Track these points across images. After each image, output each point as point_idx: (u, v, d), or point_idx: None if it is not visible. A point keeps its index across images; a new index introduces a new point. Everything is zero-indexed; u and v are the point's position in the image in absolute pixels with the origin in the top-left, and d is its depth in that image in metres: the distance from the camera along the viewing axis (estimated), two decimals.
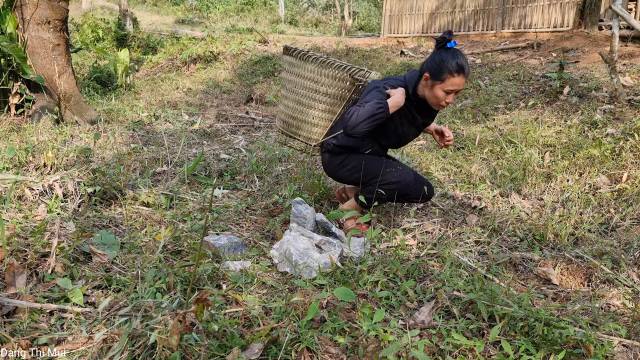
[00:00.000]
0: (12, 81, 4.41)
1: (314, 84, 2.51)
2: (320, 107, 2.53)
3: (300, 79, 2.54)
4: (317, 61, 2.46)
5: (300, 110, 2.59)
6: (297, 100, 2.59)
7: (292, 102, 2.61)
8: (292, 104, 2.62)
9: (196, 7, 20.35)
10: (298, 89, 2.57)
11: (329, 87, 2.49)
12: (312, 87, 2.51)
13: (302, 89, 2.55)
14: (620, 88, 4.44)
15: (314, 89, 2.51)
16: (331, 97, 2.50)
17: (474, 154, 3.80)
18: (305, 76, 2.53)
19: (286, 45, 2.65)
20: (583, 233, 2.46)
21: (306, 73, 2.52)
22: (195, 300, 1.24)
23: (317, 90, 2.51)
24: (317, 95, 2.52)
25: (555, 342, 1.47)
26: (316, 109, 2.54)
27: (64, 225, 2.14)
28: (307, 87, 2.53)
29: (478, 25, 10.28)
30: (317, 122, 2.57)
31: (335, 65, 2.45)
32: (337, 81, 2.47)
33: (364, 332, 1.49)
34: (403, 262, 2.04)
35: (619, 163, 3.17)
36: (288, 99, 2.64)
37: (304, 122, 2.59)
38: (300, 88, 2.56)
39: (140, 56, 10.50)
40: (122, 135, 4.15)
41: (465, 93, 5.92)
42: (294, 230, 2.22)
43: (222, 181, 3.23)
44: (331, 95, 2.50)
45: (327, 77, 2.48)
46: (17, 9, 4.25)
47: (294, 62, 2.56)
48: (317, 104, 2.53)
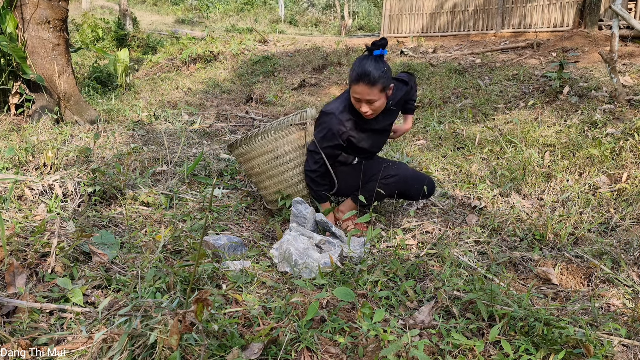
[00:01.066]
0: (12, 81, 4.41)
1: (271, 154, 2.57)
2: (291, 165, 2.58)
3: (259, 158, 2.60)
4: (260, 135, 2.54)
5: (278, 181, 2.62)
6: (269, 176, 2.63)
7: (267, 179, 2.65)
8: (268, 182, 2.65)
9: (196, 7, 20.36)
10: (263, 167, 2.61)
11: (284, 146, 2.54)
12: (273, 156, 2.57)
13: (266, 164, 2.60)
14: (620, 88, 4.44)
15: (275, 157, 2.57)
16: (293, 152, 2.55)
17: (474, 154, 3.80)
18: (260, 153, 2.58)
19: (229, 144, 2.72)
20: (583, 233, 2.46)
21: (259, 150, 2.58)
22: (195, 300, 1.24)
23: (277, 156, 2.56)
24: (281, 159, 2.57)
25: (555, 342, 1.47)
26: (289, 170, 2.59)
27: (64, 225, 2.14)
28: (268, 160, 2.59)
29: (478, 25, 10.28)
30: (299, 179, 2.60)
31: (275, 126, 2.52)
32: (287, 137, 2.52)
33: (364, 332, 1.49)
34: (403, 262, 2.04)
35: (619, 163, 3.17)
36: (262, 182, 2.68)
37: (289, 187, 2.61)
38: (264, 165, 2.61)
39: (140, 56, 10.51)
40: (122, 135, 4.15)
41: (465, 93, 5.92)
42: (294, 230, 2.22)
43: (222, 181, 3.23)
44: (292, 151, 2.55)
45: (276, 141, 2.53)
46: (17, 9, 4.25)
47: (243, 150, 2.63)
48: (287, 166, 2.58)
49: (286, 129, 2.52)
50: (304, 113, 2.54)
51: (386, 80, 2.30)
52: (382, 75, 2.28)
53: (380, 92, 2.30)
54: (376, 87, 2.28)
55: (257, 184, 2.73)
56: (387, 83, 2.32)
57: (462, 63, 7.47)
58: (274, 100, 6.91)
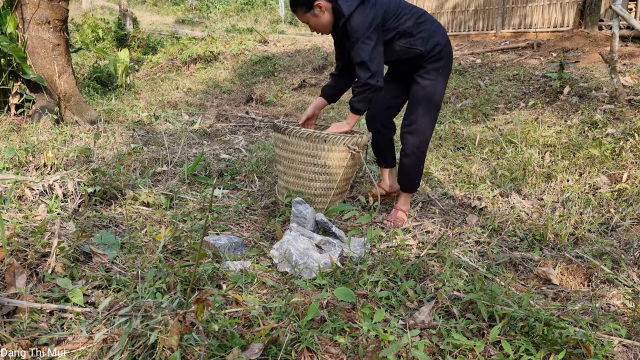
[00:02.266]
0: (12, 81, 4.41)
1: (311, 159, 2.54)
2: (321, 178, 2.57)
3: (297, 155, 2.56)
4: (312, 137, 2.49)
5: (301, 185, 2.62)
6: (296, 175, 2.61)
7: (292, 177, 2.63)
8: (292, 179, 2.64)
9: (196, 7, 20.35)
10: (296, 165, 2.59)
11: (326, 159, 2.53)
12: (310, 162, 2.55)
13: (300, 164, 2.58)
14: (621, 88, 4.44)
15: (312, 163, 2.55)
16: (330, 168, 2.54)
17: (474, 154, 3.80)
18: (301, 152, 2.55)
19: (275, 124, 2.66)
20: (583, 233, 2.46)
21: (302, 149, 2.54)
22: (195, 300, 1.24)
23: (315, 163, 2.54)
24: (316, 168, 2.55)
25: (555, 342, 1.47)
26: (317, 180, 2.58)
27: (64, 225, 2.14)
28: (305, 162, 2.56)
29: (478, 25, 10.28)
30: (320, 193, 2.61)
31: (329, 139, 2.48)
32: (333, 152, 2.51)
33: (364, 332, 1.49)
34: (403, 262, 2.04)
35: (619, 163, 3.17)
36: (287, 174, 2.66)
37: (308, 195, 2.62)
38: (298, 164, 2.58)
39: (140, 56, 10.50)
40: (122, 135, 4.15)
41: (465, 93, 5.92)
42: (294, 230, 2.22)
43: (222, 181, 3.23)
44: (330, 167, 2.54)
45: (322, 150, 2.51)
46: (17, 9, 4.25)
47: (287, 139, 2.58)
48: (317, 177, 2.57)
49: (337, 145, 2.49)
50: (360, 138, 2.53)
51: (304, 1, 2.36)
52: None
53: (305, 14, 2.39)
54: (297, 10, 2.40)
55: (281, 172, 2.71)
56: (307, 2, 2.36)
57: (462, 63, 7.47)
58: (274, 100, 6.91)
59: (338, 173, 2.56)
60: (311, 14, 2.39)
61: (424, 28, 2.43)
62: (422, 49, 2.42)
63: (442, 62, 2.47)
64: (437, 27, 2.48)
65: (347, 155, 2.53)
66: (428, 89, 2.48)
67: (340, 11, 2.34)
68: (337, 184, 2.60)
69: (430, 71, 2.47)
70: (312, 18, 2.40)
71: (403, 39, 2.42)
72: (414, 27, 2.41)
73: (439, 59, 2.46)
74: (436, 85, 2.49)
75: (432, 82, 2.48)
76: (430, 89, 2.48)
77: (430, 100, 2.50)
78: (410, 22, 2.41)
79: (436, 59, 2.45)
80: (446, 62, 2.49)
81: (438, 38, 2.44)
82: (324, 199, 2.63)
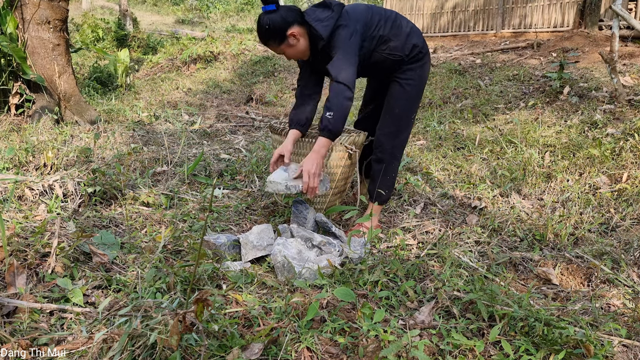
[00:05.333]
0: (12, 81, 4.41)
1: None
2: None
3: (295, 155, 2.54)
4: (306, 137, 2.48)
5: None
6: None
7: None
8: None
9: (196, 7, 20.35)
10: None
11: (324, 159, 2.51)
12: None
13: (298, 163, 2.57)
14: (620, 88, 4.44)
15: None
16: (328, 168, 2.52)
17: (474, 154, 3.80)
18: (299, 153, 2.53)
19: (272, 125, 2.65)
20: (583, 233, 2.46)
21: (299, 150, 2.53)
22: (195, 300, 1.24)
23: None
24: None
25: (555, 342, 1.47)
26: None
27: (64, 225, 2.14)
28: (300, 161, 2.54)
29: (478, 25, 10.28)
30: (319, 192, 2.57)
31: None
32: (332, 153, 2.49)
33: (364, 332, 1.49)
34: (403, 262, 2.04)
35: (619, 163, 3.17)
36: None
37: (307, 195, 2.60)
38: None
39: (140, 56, 10.50)
40: (122, 135, 4.15)
41: (465, 93, 5.92)
42: (282, 237, 2.20)
43: (222, 181, 3.23)
44: (328, 167, 2.52)
45: None
46: (17, 9, 4.25)
47: (283, 140, 2.55)
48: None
49: (334, 145, 2.46)
50: (358, 137, 2.51)
51: (275, 33, 2.20)
52: (268, 31, 2.20)
53: (279, 46, 2.25)
54: (270, 44, 2.25)
55: None
56: (279, 34, 2.21)
57: (462, 63, 7.47)
58: (274, 100, 6.91)
59: (336, 173, 2.56)
60: (285, 45, 2.25)
61: (401, 32, 2.37)
62: (401, 54, 2.37)
63: (420, 63, 2.43)
64: (411, 29, 2.43)
65: (344, 155, 2.52)
66: (406, 90, 2.44)
67: (318, 35, 2.23)
68: (335, 184, 2.60)
69: (407, 71, 2.42)
70: (287, 49, 2.27)
71: (383, 46, 2.36)
72: (391, 33, 2.35)
73: (417, 60, 2.42)
74: (413, 86, 2.44)
75: (409, 83, 2.43)
76: (408, 89, 2.43)
77: (407, 101, 2.45)
78: (387, 28, 2.35)
79: (414, 59, 2.41)
80: (424, 63, 2.45)
81: (415, 40, 2.40)
82: (323, 198, 2.63)
